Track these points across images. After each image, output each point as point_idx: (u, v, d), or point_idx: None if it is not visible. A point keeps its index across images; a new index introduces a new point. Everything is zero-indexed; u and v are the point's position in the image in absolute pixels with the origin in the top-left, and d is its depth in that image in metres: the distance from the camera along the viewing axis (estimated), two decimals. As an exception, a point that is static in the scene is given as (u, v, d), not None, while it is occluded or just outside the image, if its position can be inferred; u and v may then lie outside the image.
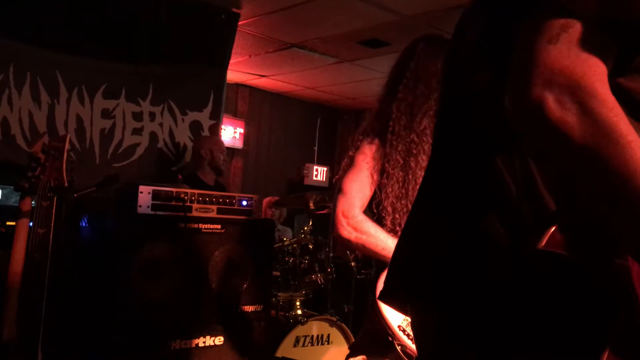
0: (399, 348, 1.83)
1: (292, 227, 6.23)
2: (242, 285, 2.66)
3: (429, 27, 4.49)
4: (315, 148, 7.58)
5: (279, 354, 3.08)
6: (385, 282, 1.11)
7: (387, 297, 1.10)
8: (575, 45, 0.75)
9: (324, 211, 3.78)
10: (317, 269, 3.47)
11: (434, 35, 2.08)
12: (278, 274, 3.44)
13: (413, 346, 1.80)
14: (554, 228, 0.80)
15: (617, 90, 0.81)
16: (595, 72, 0.75)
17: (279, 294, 3.38)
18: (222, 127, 6.44)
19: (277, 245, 3.43)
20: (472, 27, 1.01)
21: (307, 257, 3.45)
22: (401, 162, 1.92)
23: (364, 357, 2.02)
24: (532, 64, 0.76)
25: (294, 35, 5.01)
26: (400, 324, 1.83)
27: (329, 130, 7.75)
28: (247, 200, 2.67)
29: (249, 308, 2.69)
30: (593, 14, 0.76)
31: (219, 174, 4.20)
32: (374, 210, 1.96)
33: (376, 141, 1.97)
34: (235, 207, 2.64)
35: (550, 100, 0.74)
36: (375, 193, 1.95)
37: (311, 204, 3.55)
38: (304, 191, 6.50)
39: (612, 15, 0.77)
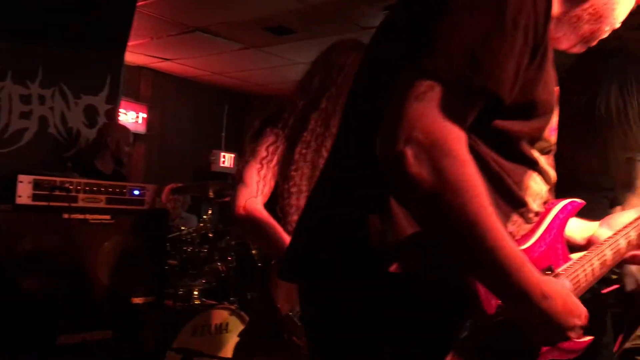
0: (285, 335, 1.86)
1: (199, 214, 6.13)
2: (133, 276, 2.60)
3: (334, 15, 4.53)
4: (223, 134, 7.48)
5: (176, 344, 3.03)
6: (284, 261, 1.13)
7: (284, 276, 1.14)
8: (437, 105, 0.84)
9: (226, 199, 3.74)
10: (217, 257, 3.44)
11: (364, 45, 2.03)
12: (176, 263, 3.38)
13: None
14: (404, 253, 0.89)
15: (493, 132, 0.94)
16: (452, 131, 0.84)
17: (177, 284, 3.32)
18: (124, 111, 6.22)
19: (174, 234, 3.36)
20: (385, 42, 1.05)
21: (207, 246, 3.41)
22: (309, 159, 1.92)
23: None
24: (399, 118, 0.84)
25: (198, 19, 4.90)
26: (290, 311, 1.85)
27: (238, 116, 7.68)
28: (139, 190, 2.60)
29: (140, 300, 2.63)
30: (455, 78, 0.85)
31: (120, 165, 4.05)
32: (279, 203, 1.96)
33: (282, 133, 1.96)
34: (126, 197, 2.56)
35: (410, 156, 0.83)
36: (277, 185, 1.94)
37: (211, 193, 3.50)
38: (211, 178, 6.41)
39: (472, 81, 0.85)
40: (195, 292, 3.35)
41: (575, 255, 1.10)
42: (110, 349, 2.54)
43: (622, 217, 1.29)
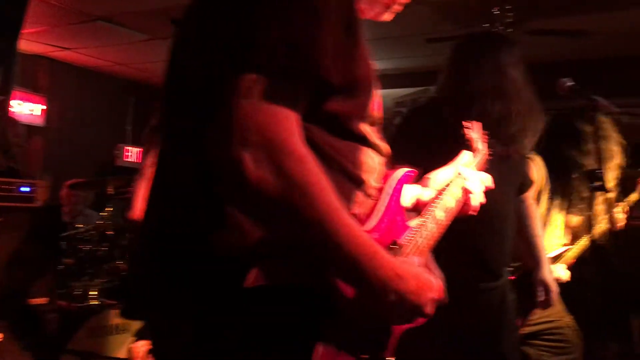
0: None
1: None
2: (24, 277, 2.48)
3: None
4: (129, 128, 7.23)
5: (71, 346, 2.92)
6: (129, 296, 1.08)
7: (130, 314, 1.07)
8: (266, 98, 0.80)
9: (128, 195, 3.63)
10: (117, 255, 3.34)
11: None
12: (72, 262, 3.25)
13: None
14: (257, 267, 0.85)
15: (323, 115, 0.91)
16: (285, 125, 0.81)
17: (73, 284, 3.19)
18: (19, 102, 5.87)
19: (70, 232, 3.23)
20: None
21: (107, 244, 3.30)
22: None
23: (148, 342, 1.99)
24: (228, 120, 0.79)
25: (99, 7, 4.71)
26: None
27: (146, 109, 7.42)
28: (28, 187, 2.48)
29: (33, 301, 2.52)
30: (278, 68, 0.82)
31: (11, 158, 3.82)
32: None
33: None
34: (15, 194, 2.44)
35: (248, 160, 0.78)
36: None
37: (111, 189, 3.39)
38: (116, 173, 6.17)
39: (295, 68, 0.83)
40: (94, 292, 3.24)
41: (413, 223, 1.14)
42: (2, 352, 2.42)
43: (440, 175, 1.30)
